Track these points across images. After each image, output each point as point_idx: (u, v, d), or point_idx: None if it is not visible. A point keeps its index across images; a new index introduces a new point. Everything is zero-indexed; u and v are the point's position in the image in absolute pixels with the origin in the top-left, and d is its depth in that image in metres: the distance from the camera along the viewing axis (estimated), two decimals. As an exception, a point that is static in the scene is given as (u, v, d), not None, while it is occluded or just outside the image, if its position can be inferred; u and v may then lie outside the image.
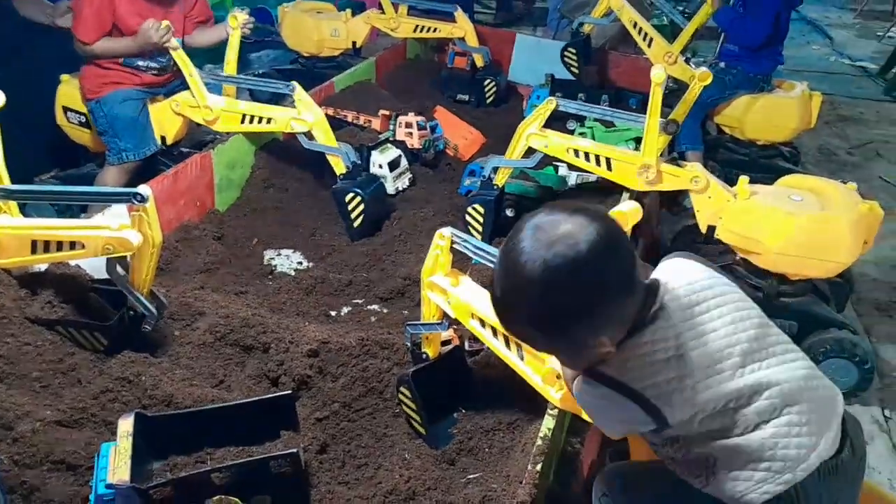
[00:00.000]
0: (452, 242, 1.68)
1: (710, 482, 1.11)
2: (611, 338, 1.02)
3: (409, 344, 1.86)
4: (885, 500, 1.23)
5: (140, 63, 2.84)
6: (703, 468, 1.11)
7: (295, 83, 2.75)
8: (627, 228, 1.35)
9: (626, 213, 1.40)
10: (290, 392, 1.71)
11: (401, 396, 1.84)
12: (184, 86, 2.86)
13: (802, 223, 2.24)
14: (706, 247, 2.71)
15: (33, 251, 1.84)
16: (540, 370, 1.51)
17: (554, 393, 1.50)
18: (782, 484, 1.06)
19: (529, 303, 0.98)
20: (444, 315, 1.76)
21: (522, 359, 1.57)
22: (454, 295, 1.69)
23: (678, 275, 1.11)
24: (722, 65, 3.46)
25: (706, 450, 1.09)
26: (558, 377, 1.47)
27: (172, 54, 2.76)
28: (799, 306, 2.42)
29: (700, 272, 1.13)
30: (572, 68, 3.88)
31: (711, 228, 2.45)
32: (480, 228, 2.73)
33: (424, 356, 1.85)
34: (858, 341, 2.37)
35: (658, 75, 2.30)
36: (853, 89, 5.92)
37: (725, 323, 1.08)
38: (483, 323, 1.65)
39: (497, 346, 1.62)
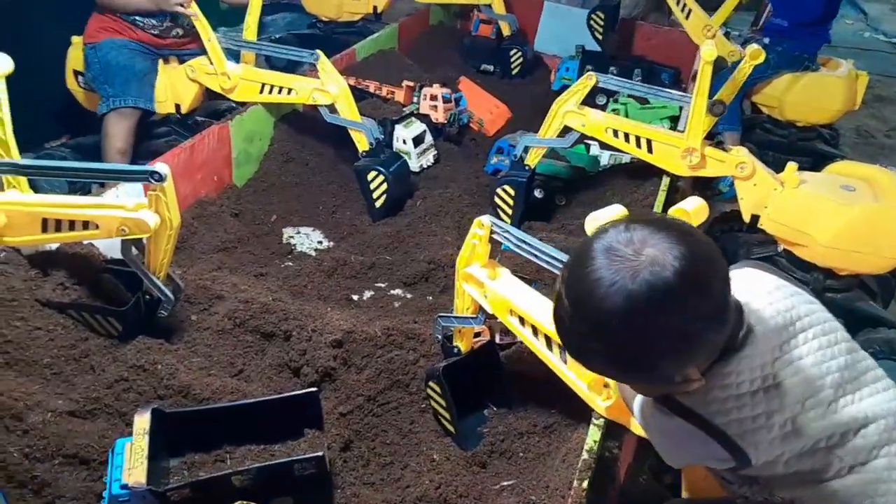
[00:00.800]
0: (492, 232, 1.56)
1: None
2: (699, 368, 0.90)
3: (439, 337, 1.76)
4: None
5: (138, 18, 2.73)
6: None
7: (319, 52, 2.60)
8: None
9: (690, 213, 1.26)
10: (314, 389, 1.62)
11: (429, 391, 1.75)
12: (198, 54, 2.73)
13: (855, 215, 2.12)
14: (745, 235, 2.59)
15: (44, 230, 1.74)
16: (586, 377, 1.41)
17: (600, 402, 1.40)
18: None
19: (609, 340, 0.85)
20: (480, 309, 1.65)
21: (566, 363, 1.47)
22: (492, 289, 1.58)
23: (759, 292, 0.99)
24: (766, 41, 3.23)
25: (792, 493, 0.98)
26: (606, 386, 1.37)
27: (193, 21, 2.63)
28: (845, 303, 2.30)
29: (781, 289, 1.01)
30: (596, 33, 3.68)
31: (755, 217, 2.32)
32: (510, 211, 2.60)
33: (456, 350, 1.75)
34: (905, 337, 2.25)
35: (708, 52, 2.14)
36: (889, 67, 5.68)
37: (813, 349, 0.95)
38: (523, 321, 1.54)
39: (538, 346, 1.52)
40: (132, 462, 1.42)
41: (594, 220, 1.18)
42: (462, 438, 1.72)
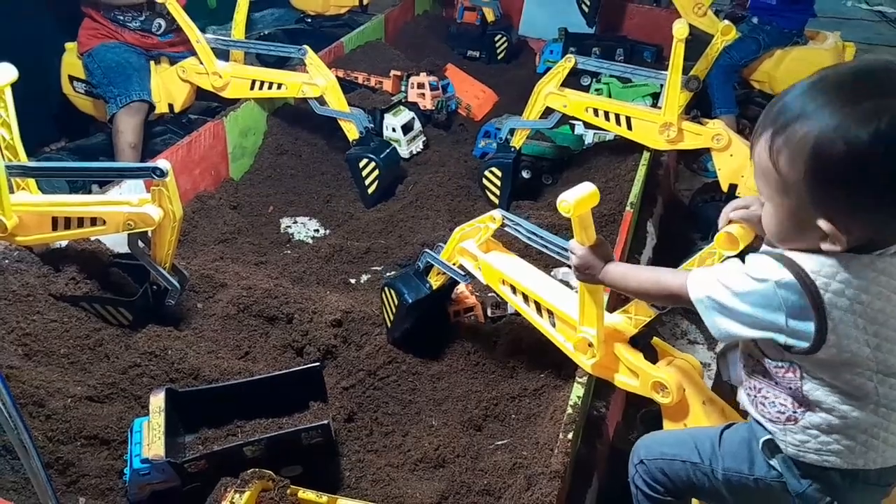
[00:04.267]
0: (503, 225, 1.67)
1: (787, 425, 1.06)
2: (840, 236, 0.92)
3: (420, 266, 1.89)
4: None
5: (119, 15, 2.81)
6: (796, 406, 1.05)
7: (306, 47, 2.69)
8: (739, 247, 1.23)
9: (735, 235, 1.21)
10: (317, 363, 1.72)
11: (386, 296, 1.90)
12: (188, 55, 2.82)
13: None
14: (725, 204, 2.67)
15: (54, 228, 1.85)
16: (572, 338, 1.51)
17: (586, 360, 1.50)
18: (847, 464, 1.03)
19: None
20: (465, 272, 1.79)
21: (554, 326, 1.57)
22: (484, 260, 1.69)
23: None
24: (755, 20, 3.22)
25: (815, 397, 1.02)
26: (590, 345, 1.47)
27: (171, 11, 2.70)
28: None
29: None
30: (584, 5, 3.69)
31: (733, 187, 2.42)
32: (498, 192, 2.69)
33: (428, 286, 1.88)
34: None
35: (680, 30, 2.23)
36: (871, 35, 5.74)
37: None
38: (514, 289, 1.65)
39: (529, 312, 1.63)
40: (150, 438, 1.52)
41: (566, 200, 1.23)
42: (393, 334, 1.94)
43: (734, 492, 1.18)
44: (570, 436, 1.41)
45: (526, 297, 1.62)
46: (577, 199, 1.23)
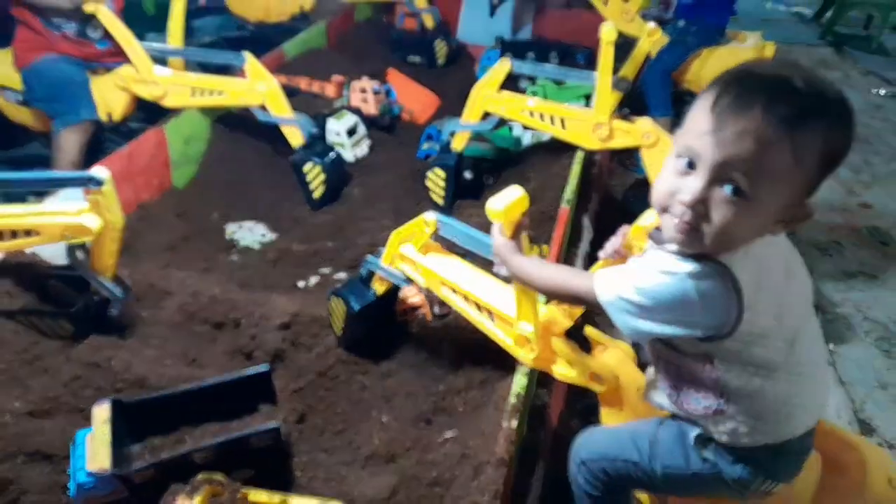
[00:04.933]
0: (438, 230, 1.69)
1: (716, 417, 1.09)
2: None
3: (363, 273, 1.92)
4: (835, 435, 1.30)
5: (55, 20, 2.74)
6: (720, 398, 1.08)
7: (246, 53, 2.69)
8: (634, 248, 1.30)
9: (645, 228, 1.28)
10: (265, 366, 1.73)
11: (334, 305, 1.93)
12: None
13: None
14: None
15: (-13, 241, 1.81)
16: (511, 333, 1.56)
17: (525, 355, 1.55)
18: (776, 438, 1.09)
19: (831, 124, 0.88)
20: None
21: (493, 322, 1.62)
22: (423, 264, 1.73)
23: None
24: (681, 23, 3.38)
25: (736, 379, 1.05)
26: (528, 341, 1.53)
27: (102, 19, 2.66)
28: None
29: None
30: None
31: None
32: (442, 193, 2.75)
33: (372, 293, 1.91)
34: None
35: (608, 32, 2.32)
36: (789, 35, 6.07)
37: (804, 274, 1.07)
38: (454, 291, 1.69)
39: (469, 312, 1.67)
40: (95, 450, 1.50)
41: (495, 207, 1.24)
42: (343, 343, 1.97)
43: (675, 486, 1.23)
44: (513, 424, 1.47)
45: (465, 298, 1.66)
46: (507, 206, 1.24)
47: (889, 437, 2.21)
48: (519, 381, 1.57)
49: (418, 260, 1.74)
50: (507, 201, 1.24)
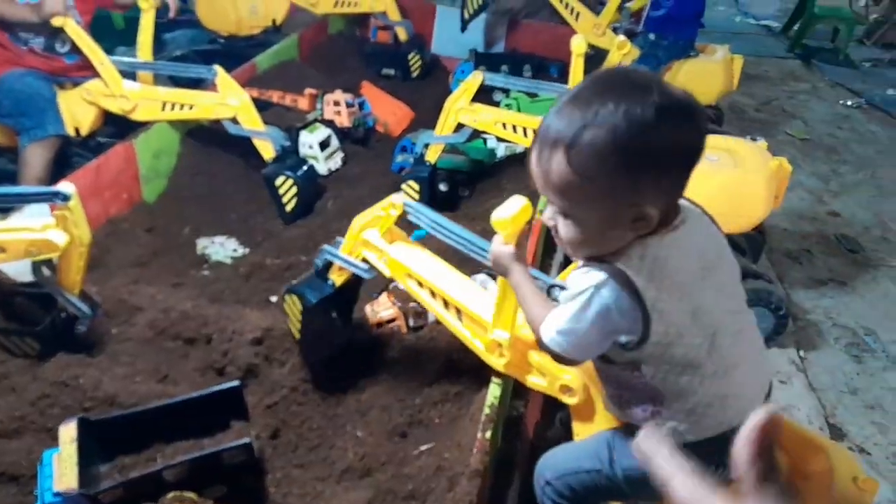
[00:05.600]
0: (405, 213, 1.64)
1: (656, 419, 1.13)
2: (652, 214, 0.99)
3: (319, 264, 1.83)
4: (803, 437, 1.32)
5: (22, 34, 2.71)
6: (654, 401, 1.12)
7: (217, 67, 2.67)
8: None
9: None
10: (236, 382, 1.71)
11: (290, 302, 1.84)
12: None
13: (720, 182, 2.37)
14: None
15: (-51, 258, 1.76)
16: (482, 337, 1.55)
17: (496, 360, 1.55)
18: (718, 429, 1.12)
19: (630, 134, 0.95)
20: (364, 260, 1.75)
21: (462, 323, 1.59)
22: (389, 254, 1.66)
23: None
24: (651, 36, 3.43)
25: (664, 382, 1.09)
26: (500, 345, 1.53)
27: (69, 33, 2.63)
28: (719, 260, 2.57)
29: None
30: (466, 11, 3.80)
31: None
32: (417, 198, 2.75)
33: (330, 283, 1.83)
34: (773, 289, 2.54)
35: (578, 45, 2.36)
36: (759, 48, 6.21)
37: (727, 269, 1.12)
38: (421, 284, 1.64)
39: (436, 308, 1.63)
40: (62, 470, 1.47)
41: (500, 214, 1.23)
42: (306, 352, 1.89)
43: (636, 486, 1.25)
44: (487, 434, 1.47)
45: (433, 293, 1.62)
46: (513, 215, 1.23)
47: (859, 441, 2.25)
48: (493, 392, 1.57)
49: (384, 248, 1.66)
50: (514, 210, 1.23)
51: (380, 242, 1.67)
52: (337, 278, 1.82)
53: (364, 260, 1.75)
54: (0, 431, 1.66)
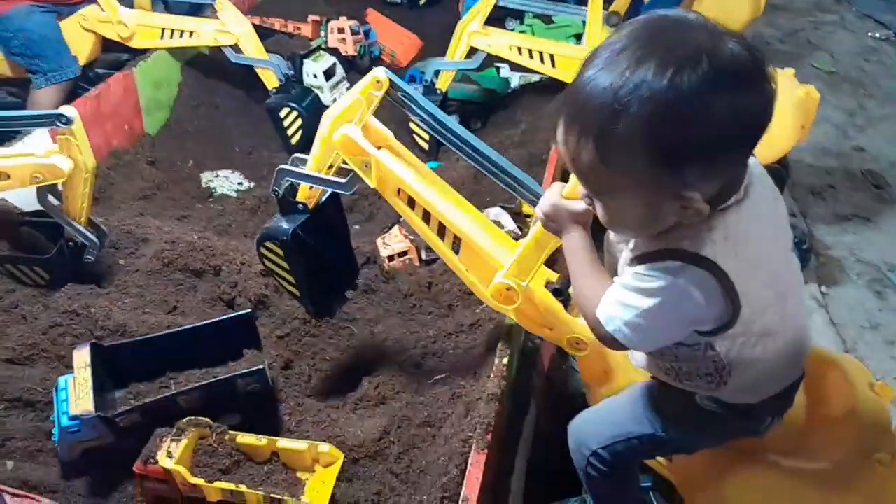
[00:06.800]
0: (390, 91, 1.31)
1: (720, 386, 1.05)
2: (706, 195, 0.84)
3: (277, 190, 1.49)
4: (816, 355, 1.27)
5: None
6: (722, 371, 1.04)
7: (217, -8, 2.56)
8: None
9: None
10: (248, 311, 1.69)
11: (265, 252, 1.54)
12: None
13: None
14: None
15: (-48, 187, 1.72)
16: (475, 270, 1.41)
17: (499, 305, 1.39)
18: (776, 389, 1.09)
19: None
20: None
21: (457, 253, 1.39)
22: (378, 159, 1.32)
23: None
24: None
25: (739, 357, 1.01)
26: (509, 289, 1.34)
27: None
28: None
29: None
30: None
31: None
32: (427, 137, 2.67)
33: (302, 207, 1.51)
34: (796, 224, 2.49)
35: (598, -35, 2.24)
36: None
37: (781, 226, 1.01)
38: (413, 203, 1.35)
39: (430, 232, 1.39)
40: (78, 394, 1.46)
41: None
42: (310, 304, 1.64)
43: (687, 438, 1.19)
44: (504, 361, 1.45)
45: (426, 215, 1.35)
46: None
47: (879, 375, 2.24)
48: (509, 321, 1.54)
49: (371, 150, 1.31)
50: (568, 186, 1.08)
51: (363, 142, 1.32)
52: (309, 199, 1.50)
53: (340, 171, 1.41)
54: (13, 359, 1.66)
